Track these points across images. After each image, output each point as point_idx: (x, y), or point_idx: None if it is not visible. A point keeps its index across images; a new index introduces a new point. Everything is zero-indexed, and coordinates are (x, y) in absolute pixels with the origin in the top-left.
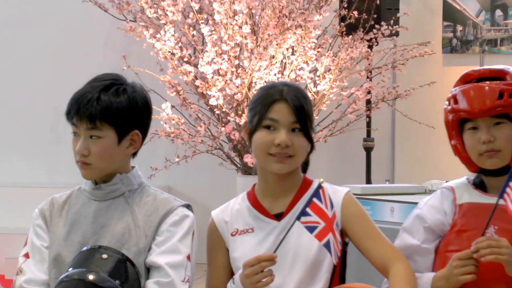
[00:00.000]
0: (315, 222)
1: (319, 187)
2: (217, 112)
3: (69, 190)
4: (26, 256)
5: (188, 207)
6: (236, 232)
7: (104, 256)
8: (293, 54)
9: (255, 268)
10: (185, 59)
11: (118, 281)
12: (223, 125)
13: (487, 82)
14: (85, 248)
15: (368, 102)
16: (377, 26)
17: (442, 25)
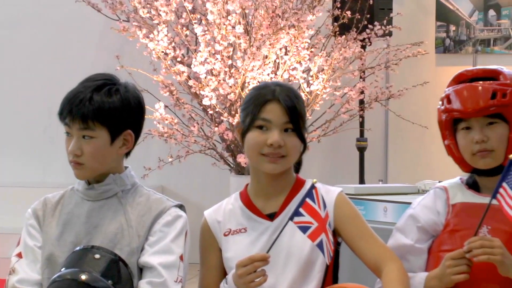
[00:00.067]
0: (308, 222)
1: (312, 187)
2: (210, 112)
3: (62, 190)
4: (19, 256)
5: (181, 207)
6: (229, 232)
7: (96, 256)
8: (286, 54)
9: (248, 268)
10: (178, 59)
11: (110, 281)
12: (216, 125)
13: (480, 82)
14: (78, 248)
15: (361, 102)
16: (370, 26)
17: (435, 25)
